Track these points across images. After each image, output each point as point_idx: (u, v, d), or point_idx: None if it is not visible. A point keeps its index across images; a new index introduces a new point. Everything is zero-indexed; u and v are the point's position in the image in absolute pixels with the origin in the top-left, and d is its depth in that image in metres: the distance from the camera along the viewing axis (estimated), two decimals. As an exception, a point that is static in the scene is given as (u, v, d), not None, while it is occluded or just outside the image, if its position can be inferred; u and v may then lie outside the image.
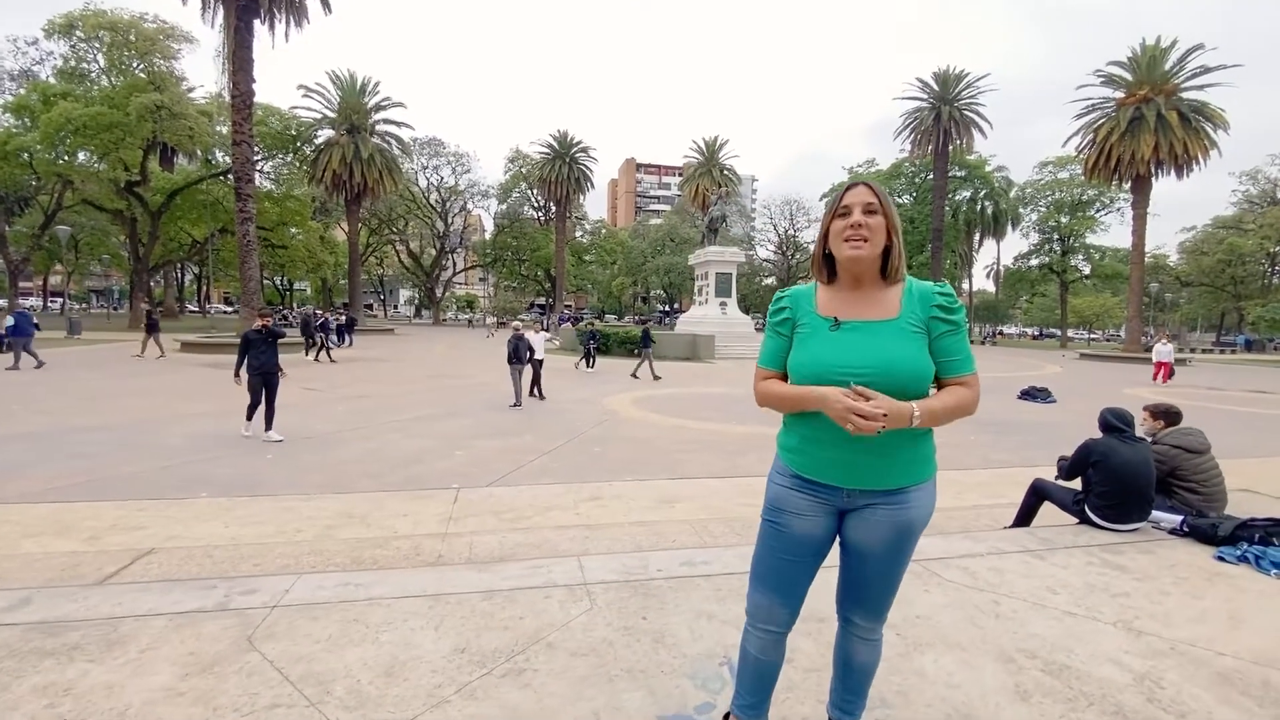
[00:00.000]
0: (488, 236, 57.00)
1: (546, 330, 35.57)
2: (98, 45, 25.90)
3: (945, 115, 38.40)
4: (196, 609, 2.52)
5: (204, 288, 56.78)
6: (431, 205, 50.18)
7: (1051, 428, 9.52)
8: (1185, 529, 3.89)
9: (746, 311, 30.93)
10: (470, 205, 53.65)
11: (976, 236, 51.22)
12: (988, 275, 65.57)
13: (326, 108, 35.44)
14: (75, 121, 23.69)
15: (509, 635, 2.39)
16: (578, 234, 57.61)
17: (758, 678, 1.68)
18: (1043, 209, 48.76)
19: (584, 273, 57.27)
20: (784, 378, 1.57)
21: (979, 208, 48.75)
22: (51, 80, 27.15)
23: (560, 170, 45.47)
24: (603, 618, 2.56)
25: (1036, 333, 74.47)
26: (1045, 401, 12.68)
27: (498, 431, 7.97)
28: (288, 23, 21.79)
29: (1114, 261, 47.75)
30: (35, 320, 14.88)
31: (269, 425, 7.25)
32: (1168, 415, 4.46)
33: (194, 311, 52.71)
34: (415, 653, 2.26)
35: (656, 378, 14.75)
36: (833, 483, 1.49)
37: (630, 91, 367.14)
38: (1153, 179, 29.85)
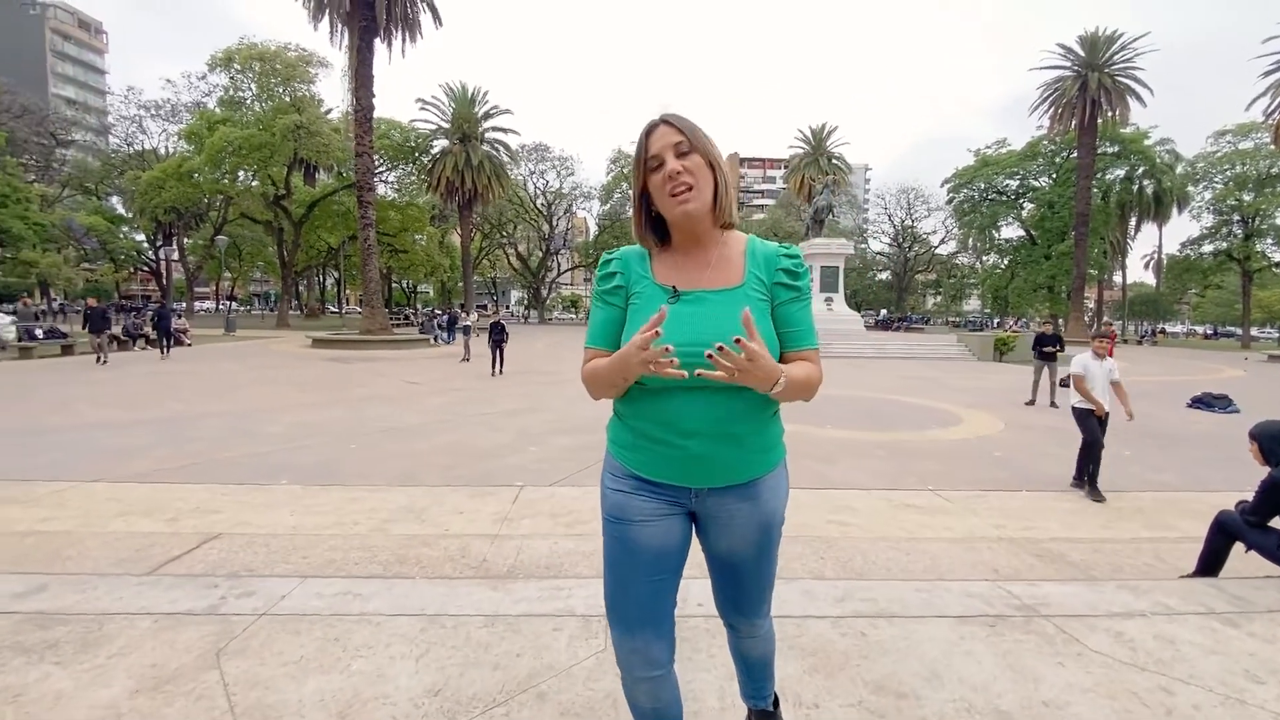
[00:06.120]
0: (592, 238, 58.09)
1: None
2: (250, 75, 29.21)
3: (1093, 83, 33.47)
4: (187, 611, 2.34)
5: (340, 290, 62.69)
6: (538, 209, 51.94)
7: (1233, 443, 7.71)
8: None
9: (858, 309, 28.90)
10: (575, 208, 54.90)
11: (1132, 221, 44.56)
12: (1146, 265, 57.20)
13: (441, 119, 37.61)
14: (233, 144, 26.88)
15: (497, 677, 1.97)
16: (679, 231, 57.04)
17: None
18: (1219, 186, 41.17)
19: (685, 269, 56.58)
20: None
21: (1136, 188, 42.28)
22: (215, 110, 31.01)
23: (659, 167, 45.07)
24: (615, 664, 2.08)
25: (1210, 331, 63.37)
26: (1225, 411, 10.47)
27: (576, 428, 7.72)
28: (404, 39, 23.21)
29: (1315, 245, 39.73)
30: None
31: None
32: None
33: (333, 312, 58.32)
34: (383, 689, 1.90)
35: (1054, 405, 10.95)
36: (678, 482, 1.27)
37: (734, 84, 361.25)
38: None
